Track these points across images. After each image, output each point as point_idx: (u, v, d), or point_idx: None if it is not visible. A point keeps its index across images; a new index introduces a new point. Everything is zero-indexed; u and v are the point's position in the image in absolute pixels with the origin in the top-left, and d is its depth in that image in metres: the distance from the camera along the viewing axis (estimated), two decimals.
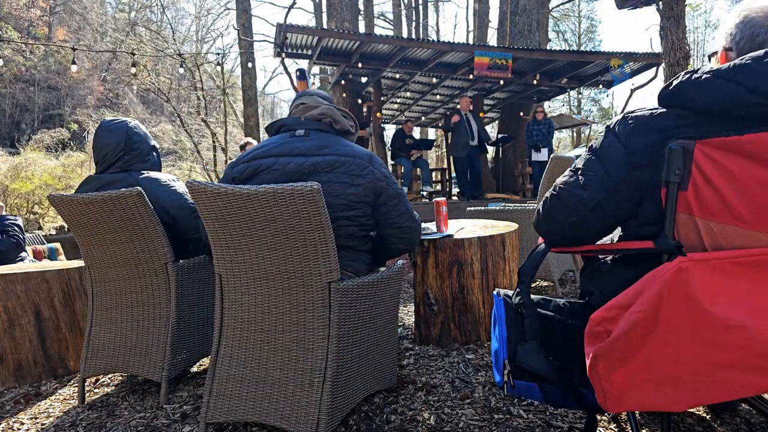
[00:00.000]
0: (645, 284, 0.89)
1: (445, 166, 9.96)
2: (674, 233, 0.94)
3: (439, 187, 9.68)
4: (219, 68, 17.90)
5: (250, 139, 5.27)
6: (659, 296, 0.87)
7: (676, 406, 0.91)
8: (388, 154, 9.21)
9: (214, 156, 17.06)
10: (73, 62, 8.94)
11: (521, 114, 10.30)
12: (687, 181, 0.90)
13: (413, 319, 2.55)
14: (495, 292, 1.29)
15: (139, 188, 1.75)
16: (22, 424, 1.80)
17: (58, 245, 4.00)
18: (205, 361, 2.24)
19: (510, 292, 1.27)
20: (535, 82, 9.05)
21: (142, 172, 2.00)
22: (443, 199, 2.35)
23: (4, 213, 2.80)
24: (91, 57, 21.46)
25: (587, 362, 0.94)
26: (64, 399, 2.02)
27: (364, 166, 1.56)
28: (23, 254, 2.78)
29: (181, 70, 12.98)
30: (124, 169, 1.99)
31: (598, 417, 1.52)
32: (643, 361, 0.90)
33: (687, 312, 0.87)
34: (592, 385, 0.95)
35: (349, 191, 1.54)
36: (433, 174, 9.71)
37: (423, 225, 2.43)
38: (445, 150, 10.68)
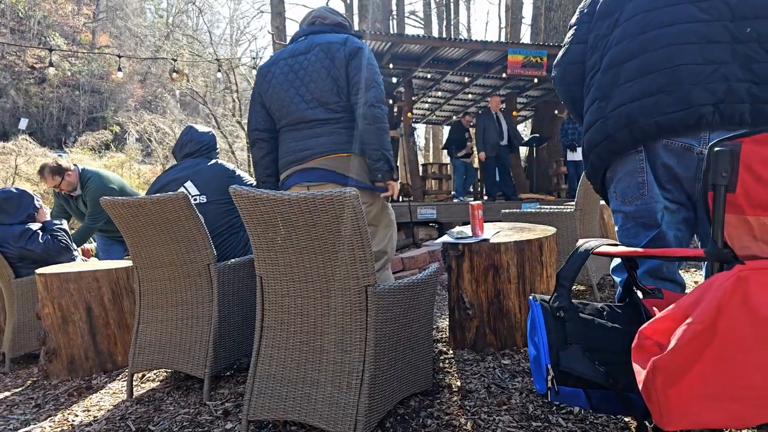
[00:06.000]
0: (702, 294, 0.85)
1: (476, 166, 9.86)
2: (724, 236, 0.90)
3: (471, 188, 9.58)
4: (253, 71, 18.29)
5: None
6: (719, 307, 0.83)
7: (739, 423, 0.87)
8: (419, 154, 9.25)
9: (248, 156, 17.48)
10: (119, 69, 9.33)
11: (556, 112, 10.06)
12: (735, 182, 0.87)
13: (447, 323, 2.54)
14: (531, 297, 1.27)
15: (185, 193, 1.84)
16: (77, 416, 1.90)
17: None
18: (244, 361, 2.31)
19: (546, 297, 1.25)
20: None
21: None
22: (479, 202, 2.33)
23: (48, 218, 2.97)
24: (131, 62, 22.33)
25: (639, 377, 0.90)
26: (114, 393, 2.12)
27: (338, 47, 2.04)
28: (74, 254, 2.94)
29: (219, 75, 13.35)
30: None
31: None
32: (701, 376, 0.86)
33: (746, 323, 0.83)
34: (644, 398, 0.92)
35: (327, 65, 2.03)
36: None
37: (458, 228, 2.42)
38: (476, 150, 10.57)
